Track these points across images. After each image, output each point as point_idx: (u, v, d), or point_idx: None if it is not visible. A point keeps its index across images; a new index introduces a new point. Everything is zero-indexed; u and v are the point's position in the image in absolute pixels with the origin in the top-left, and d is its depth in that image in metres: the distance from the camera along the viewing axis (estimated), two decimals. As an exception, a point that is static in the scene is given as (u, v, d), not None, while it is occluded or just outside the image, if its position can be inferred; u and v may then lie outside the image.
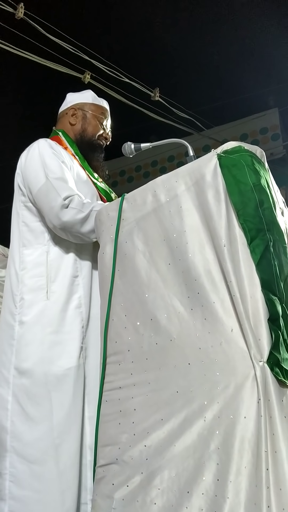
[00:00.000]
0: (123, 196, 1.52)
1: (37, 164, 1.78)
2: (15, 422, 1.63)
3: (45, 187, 1.72)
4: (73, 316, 1.72)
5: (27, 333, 1.70)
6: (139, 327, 1.39)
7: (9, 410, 1.64)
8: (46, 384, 1.63)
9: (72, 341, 1.70)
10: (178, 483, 1.19)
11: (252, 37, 5.87)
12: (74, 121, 2.01)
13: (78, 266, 1.78)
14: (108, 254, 1.52)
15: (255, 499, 1.08)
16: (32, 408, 1.62)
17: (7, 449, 1.61)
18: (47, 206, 1.71)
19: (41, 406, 1.62)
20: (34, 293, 1.73)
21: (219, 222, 1.27)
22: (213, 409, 1.19)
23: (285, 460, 1.11)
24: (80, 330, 1.72)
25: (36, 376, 1.64)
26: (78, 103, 2.04)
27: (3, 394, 1.67)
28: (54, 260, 1.76)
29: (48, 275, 1.74)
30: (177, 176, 1.39)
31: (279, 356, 1.17)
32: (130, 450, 1.31)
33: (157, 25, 5.70)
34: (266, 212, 1.27)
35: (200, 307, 1.28)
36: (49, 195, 1.70)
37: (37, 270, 1.75)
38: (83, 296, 1.75)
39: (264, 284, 1.21)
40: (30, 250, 1.79)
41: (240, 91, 6.50)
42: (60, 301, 1.72)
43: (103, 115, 2.05)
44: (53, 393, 1.63)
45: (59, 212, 1.67)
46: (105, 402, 1.42)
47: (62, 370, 1.65)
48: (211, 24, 5.78)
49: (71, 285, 1.75)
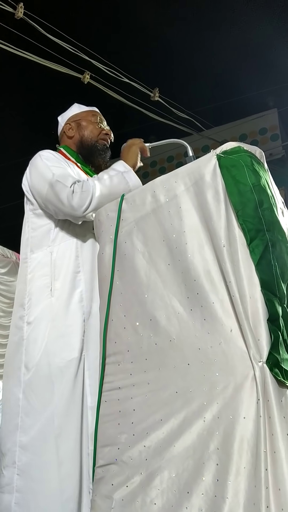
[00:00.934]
0: (122, 196, 1.52)
1: (41, 169, 1.86)
2: (23, 417, 1.69)
3: (53, 184, 1.79)
4: (75, 310, 1.78)
5: (34, 330, 1.76)
6: (138, 327, 1.39)
7: (20, 406, 1.70)
8: (49, 376, 1.69)
9: (74, 333, 1.75)
10: (178, 483, 1.19)
11: (251, 37, 5.88)
12: (71, 134, 2.08)
13: (80, 262, 1.83)
14: (107, 254, 1.52)
15: (254, 499, 1.08)
16: (37, 401, 1.68)
17: (16, 444, 1.67)
18: (57, 200, 1.78)
19: (43, 398, 1.68)
20: (40, 292, 1.80)
21: (219, 223, 1.27)
22: (213, 409, 1.19)
23: (284, 460, 1.11)
24: (81, 324, 1.77)
25: (41, 369, 1.70)
26: (69, 117, 2.12)
27: (16, 393, 1.73)
28: (58, 259, 1.83)
29: (52, 274, 1.80)
30: (177, 176, 1.39)
31: (278, 356, 1.17)
32: (129, 450, 1.30)
33: (157, 25, 5.70)
34: (266, 213, 1.27)
35: (199, 308, 1.28)
36: (58, 194, 1.78)
37: (43, 271, 1.83)
38: (84, 291, 1.81)
39: (263, 285, 1.22)
40: (36, 253, 1.87)
41: (239, 92, 6.51)
42: (63, 296, 1.78)
43: (94, 116, 2.11)
44: (56, 384, 1.68)
45: (70, 199, 1.74)
46: (104, 402, 1.42)
47: (65, 362, 1.70)
48: (210, 25, 5.78)
49: (73, 280, 1.81)
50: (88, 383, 1.73)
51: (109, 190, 1.75)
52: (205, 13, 5.66)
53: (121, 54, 5.30)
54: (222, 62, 6.09)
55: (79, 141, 2.06)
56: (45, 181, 1.81)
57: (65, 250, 1.84)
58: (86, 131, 2.07)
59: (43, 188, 1.82)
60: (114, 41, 5.81)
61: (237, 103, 6.75)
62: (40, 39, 4.32)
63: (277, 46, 5.82)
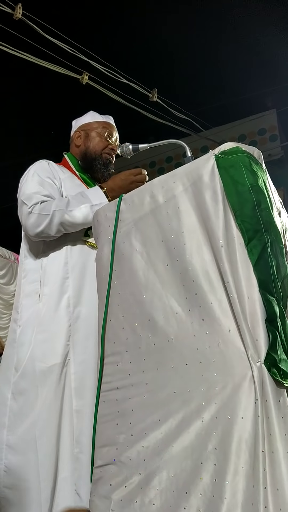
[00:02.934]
0: (121, 197, 1.52)
1: (22, 183, 1.96)
2: (11, 417, 1.76)
3: (20, 201, 1.90)
4: (61, 315, 1.84)
5: (22, 334, 1.84)
6: (137, 327, 1.39)
7: (8, 406, 1.77)
8: (34, 380, 1.76)
9: (58, 339, 1.81)
10: (176, 483, 1.19)
11: (250, 38, 5.89)
12: (78, 143, 2.12)
13: (69, 268, 1.88)
14: (105, 255, 1.52)
15: (252, 500, 1.08)
16: (23, 403, 1.75)
17: (3, 442, 1.74)
18: (20, 216, 1.89)
19: (29, 401, 1.75)
20: (29, 297, 1.88)
21: (217, 223, 1.27)
22: (211, 409, 1.19)
23: (282, 460, 1.11)
24: (67, 329, 1.82)
25: (27, 373, 1.77)
26: (81, 125, 2.15)
27: (4, 392, 1.80)
28: (47, 266, 1.89)
29: (42, 280, 1.87)
30: (175, 177, 1.39)
31: (276, 356, 1.18)
32: (127, 450, 1.30)
33: (155, 26, 5.70)
34: (264, 213, 1.28)
35: (197, 308, 1.28)
36: (21, 207, 1.88)
37: (34, 276, 1.90)
38: (72, 296, 1.85)
39: (261, 285, 1.22)
40: (29, 259, 1.94)
41: (238, 92, 6.52)
42: (50, 302, 1.84)
43: (104, 129, 2.11)
44: (40, 388, 1.75)
45: (26, 218, 1.84)
46: (103, 402, 1.42)
47: (48, 367, 1.77)
48: (209, 26, 5.79)
49: (61, 286, 1.86)
50: (73, 386, 1.77)
51: (72, 220, 1.82)
52: (204, 14, 5.66)
53: (120, 55, 5.30)
54: (221, 63, 6.10)
55: (84, 152, 2.09)
56: (18, 196, 1.91)
57: (54, 257, 1.90)
58: (92, 143, 2.08)
59: (19, 201, 1.91)
60: (113, 42, 5.81)
61: (236, 103, 6.77)
62: (38, 40, 4.32)
63: (276, 47, 5.83)
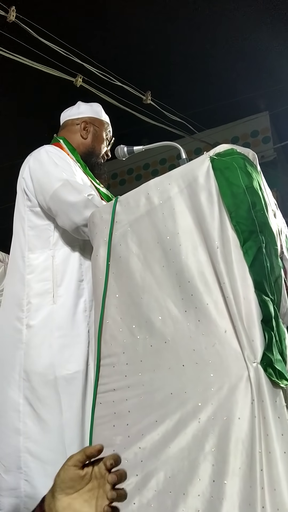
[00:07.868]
0: (116, 199, 1.52)
1: (48, 168, 1.80)
2: (28, 423, 1.67)
3: (64, 188, 1.72)
4: (80, 319, 1.76)
5: (36, 336, 1.73)
6: (135, 329, 1.39)
7: (21, 412, 1.68)
8: (56, 387, 1.67)
9: (80, 344, 1.73)
10: (174, 484, 1.19)
11: (243, 41, 5.92)
12: (85, 135, 2.04)
13: (84, 270, 1.81)
14: (101, 256, 1.52)
15: (249, 500, 1.08)
16: (44, 410, 1.66)
17: (20, 449, 1.65)
18: (66, 205, 1.71)
19: (52, 408, 1.66)
20: (41, 297, 1.77)
21: (212, 224, 1.27)
22: (207, 410, 1.20)
23: (279, 460, 1.11)
24: (86, 334, 1.75)
25: (47, 379, 1.68)
26: (91, 117, 2.07)
27: (14, 397, 1.70)
28: (60, 265, 1.79)
29: (54, 279, 1.77)
30: (170, 178, 1.40)
31: (272, 357, 1.18)
32: (124, 452, 1.30)
33: (149, 29, 5.72)
34: (259, 214, 1.28)
35: (193, 309, 1.28)
36: (69, 194, 1.71)
37: (44, 274, 1.79)
38: (88, 300, 1.79)
39: (257, 286, 1.22)
40: (36, 254, 1.82)
41: (231, 95, 6.54)
42: (67, 305, 1.76)
43: (109, 133, 2.10)
44: (63, 395, 1.67)
45: (82, 209, 1.68)
46: (99, 404, 1.42)
47: (71, 373, 1.69)
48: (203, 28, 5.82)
49: (77, 289, 1.78)
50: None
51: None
52: (198, 17, 5.69)
53: (114, 58, 5.31)
54: (215, 66, 6.13)
55: (89, 149, 2.03)
56: (56, 180, 1.74)
57: (67, 256, 1.80)
58: (99, 145, 2.05)
59: (51, 186, 1.74)
60: (107, 45, 5.82)
61: (229, 106, 6.79)
62: (32, 43, 4.31)
63: (269, 49, 5.87)
